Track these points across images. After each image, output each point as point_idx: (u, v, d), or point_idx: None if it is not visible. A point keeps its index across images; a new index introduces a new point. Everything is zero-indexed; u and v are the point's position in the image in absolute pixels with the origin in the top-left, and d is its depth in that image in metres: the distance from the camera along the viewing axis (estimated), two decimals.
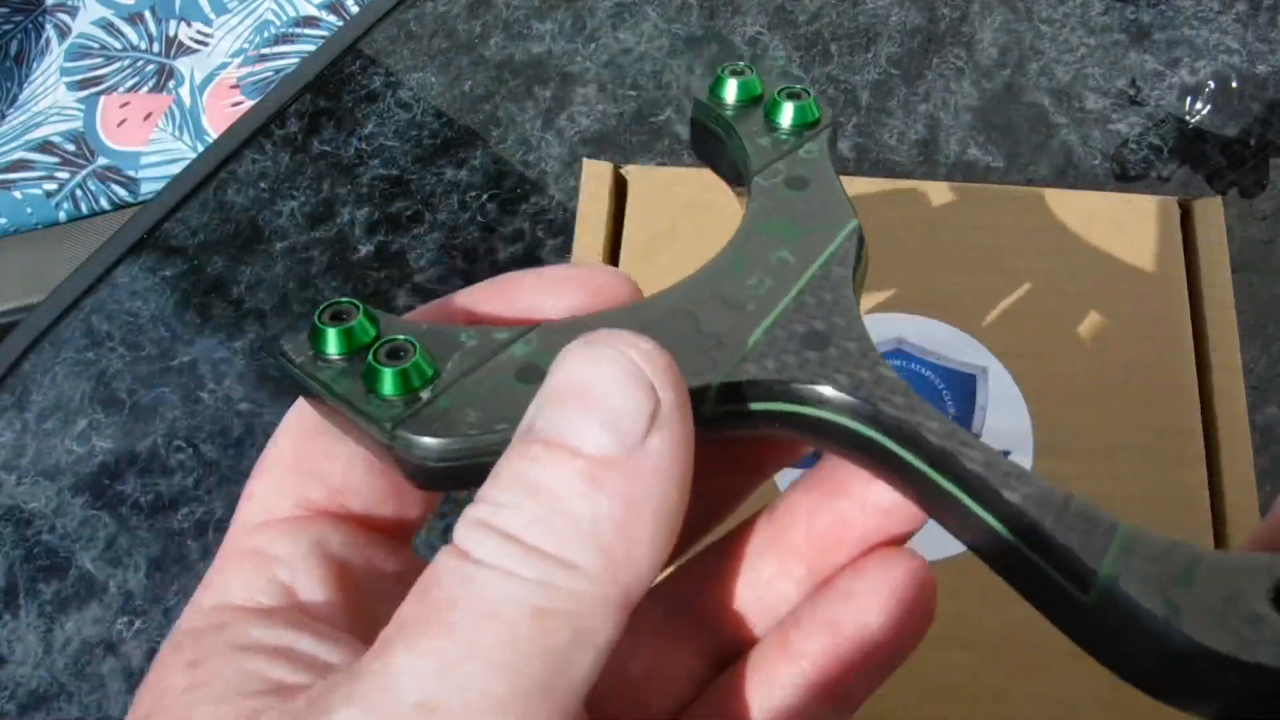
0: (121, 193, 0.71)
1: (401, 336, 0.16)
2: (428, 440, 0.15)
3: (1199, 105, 0.47)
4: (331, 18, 0.75)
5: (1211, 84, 0.48)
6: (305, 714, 0.13)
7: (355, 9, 0.75)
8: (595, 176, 0.34)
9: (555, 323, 0.16)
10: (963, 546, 0.16)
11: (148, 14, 0.76)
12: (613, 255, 0.34)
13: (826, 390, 0.16)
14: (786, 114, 0.21)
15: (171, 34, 0.75)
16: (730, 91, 0.21)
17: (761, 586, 0.17)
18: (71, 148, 0.72)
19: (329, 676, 0.13)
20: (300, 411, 0.17)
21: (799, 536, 0.17)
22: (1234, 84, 0.48)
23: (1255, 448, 0.32)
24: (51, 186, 0.71)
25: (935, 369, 0.33)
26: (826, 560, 0.17)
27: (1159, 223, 0.35)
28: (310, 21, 0.75)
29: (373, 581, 0.16)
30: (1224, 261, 0.34)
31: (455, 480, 0.15)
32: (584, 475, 0.13)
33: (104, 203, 0.71)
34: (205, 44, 0.75)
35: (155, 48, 0.75)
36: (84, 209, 0.71)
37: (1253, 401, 0.40)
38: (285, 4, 0.75)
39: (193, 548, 0.42)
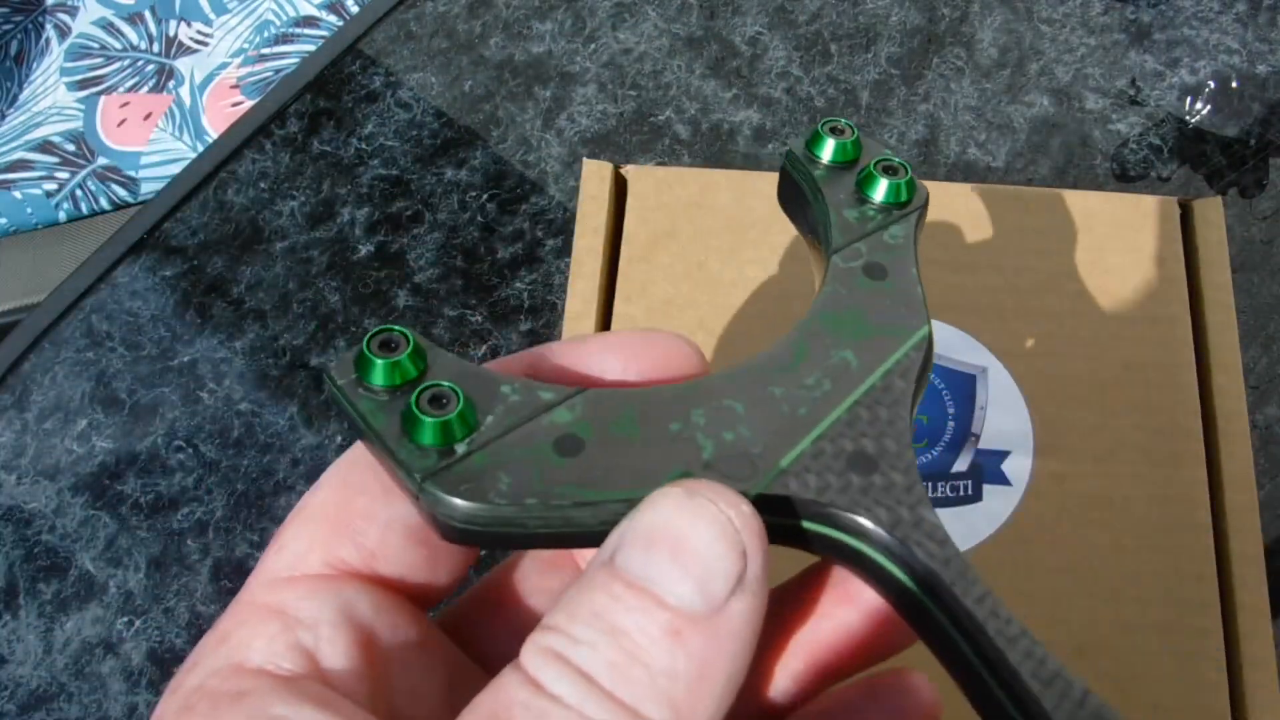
0: (121, 193, 0.71)
1: (446, 383, 0.15)
2: (456, 501, 0.14)
3: (1199, 105, 0.47)
4: (331, 18, 0.75)
5: (1211, 84, 0.48)
6: None
7: (355, 9, 0.75)
8: (595, 176, 0.34)
9: (603, 390, 0.16)
10: None
11: (148, 14, 0.76)
12: (612, 255, 0.34)
13: (864, 522, 0.15)
14: (880, 189, 0.20)
15: (171, 34, 0.75)
16: (827, 150, 0.20)
17: (756, 678, 0.17)
18: (71, 148, 0.72)
19: None
20: (346, 465, 0.16)
21: (803, 634, 0.17)
22: (1234, 84, 0.48)
23: (1255, 448, 0.32)
24: (51, 186, 0.71)
25: (935, 369, 0.33)
26: (826, 662, 0.17)
27: (1159, 223, 0.35)
28: (310, 21, 0.75)
29: (394, 649, 0.16)
30: (1224, 261, 0.34)
31: (480, 541, 0.15)
32: (668, 628, 0.13)
33: (104, 203, 0.71)
34: (205, 44, 0.75)
35: (155, 48, 0.75)
36: (84, 209, 0.71)
37: (1253, 401, 0.40)
38: (285, 4, 0.75)
39: (193, 548, 0.42)
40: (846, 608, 0.17)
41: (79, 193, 0.71)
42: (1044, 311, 0.34)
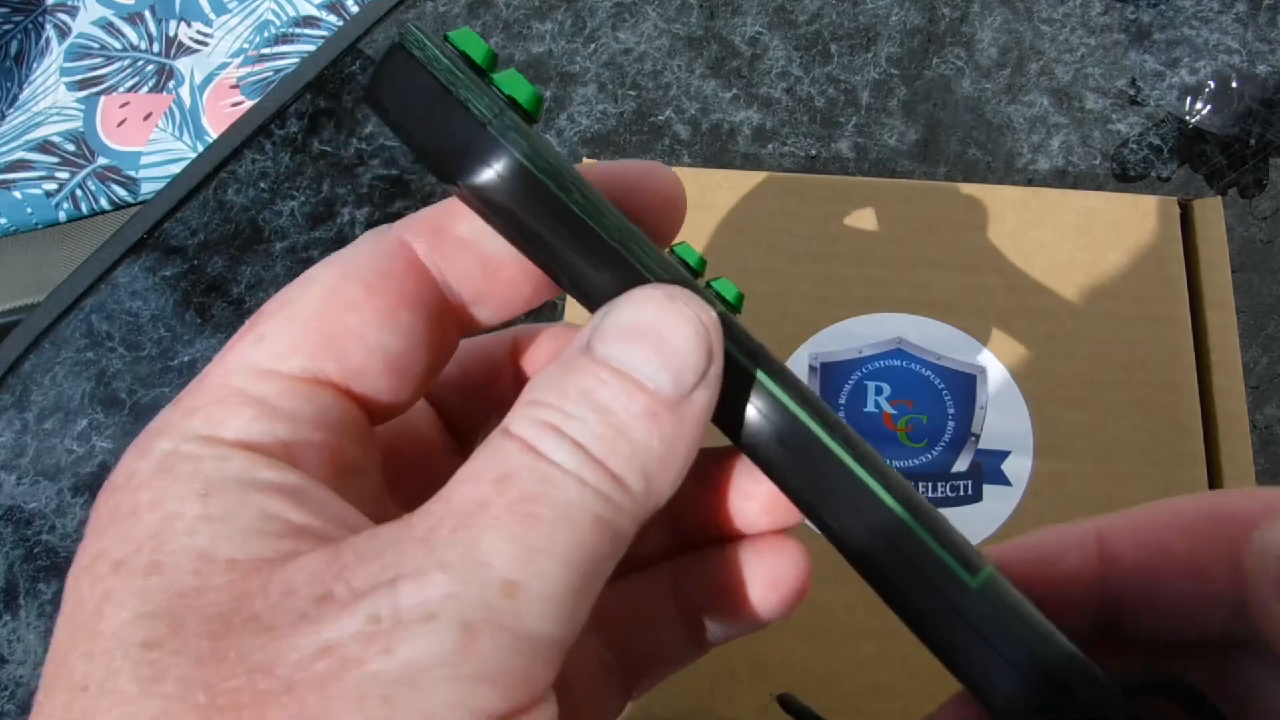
0: (121, 193, 0.71)
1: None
2: (525, 138, 0.15)
3: (1199, 105, 0.47)
4: (331, 18, 0.75)
5: (1211, 84, 0.48)
6: (373, 583, 0.13)
7: (355, 9, 0.75)
8: None
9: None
10: None
11: (147, 14, 0.76)
12: None
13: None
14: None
15: (171, 34, 0.75)
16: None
17: (738, 503, 0.19)
18: (71, 148, 0.72)
19: (377, 534, 0.14)
20: (339, 275, 0.17)
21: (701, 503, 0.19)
22: (1234, 84, 0.48)
23: (1255, 448, 0.32)
24: (51, 186, 0.71)
25: (935, 369, 0.33)
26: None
27: (1159, 223, 0.35)
28: (310, 21, 0.75)
29: (352, 463, 0.16)
30: (1224, 261, 0.34)
31: (518, 203, 0.15)
32: (647, 410, 0.15)
33: (104, 203, 0.71)
34: (205, 44, 0.75)
35: (155, 48, 0.75)
36: (84, 209, 0.71)
37: (1253, 401, 0.40)
38: (285, 4, 0.75)
39: None
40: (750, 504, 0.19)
41: (79, 193, 0.71)
42: (1044, 311, 0.34)
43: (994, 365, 0.33)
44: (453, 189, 0.16)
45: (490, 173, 0.15)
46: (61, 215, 0.71)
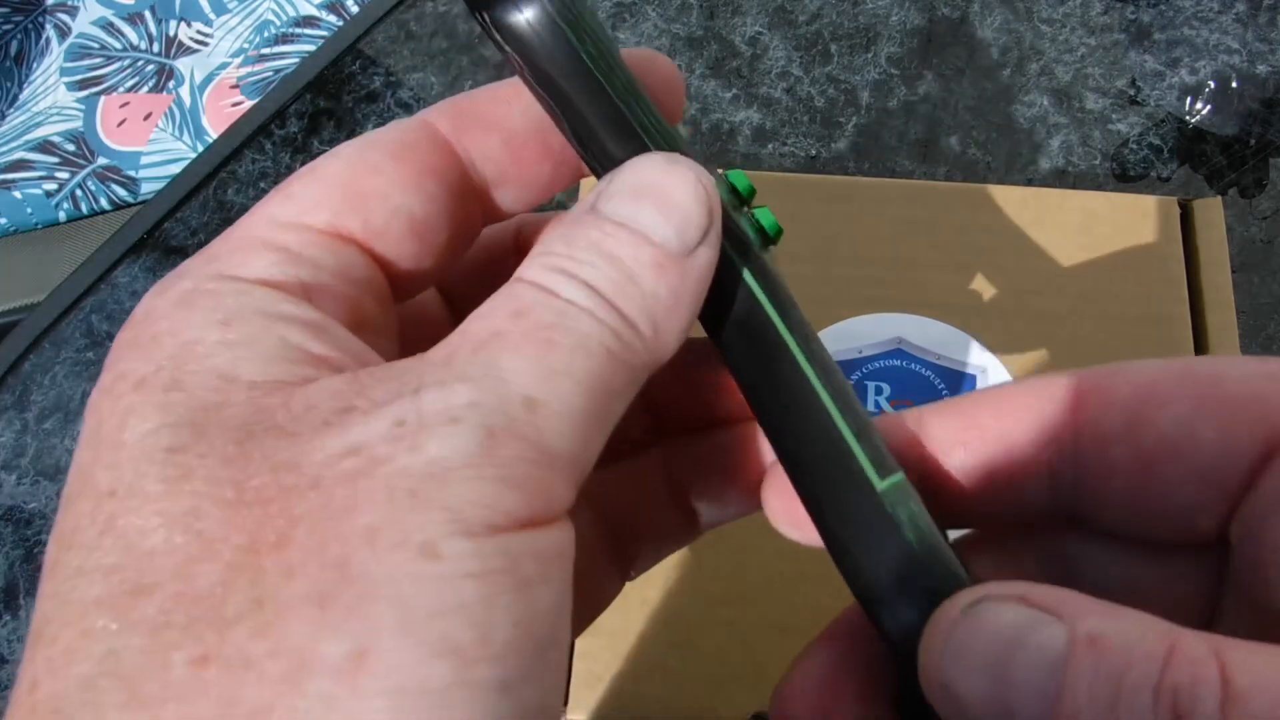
0: (121, 193, 0.71)
1: None
2: None
3: (1199, 105, 0.47)
4: (331, 18, 0.75)
5: (1211, 84, 0.48)
6: (397, 393, 0.13)
7: (355, 9, 0.75)
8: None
9: None
10: None
11: (147, 14, 0.76)
12: None
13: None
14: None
15: (171, 34, 0.75)
16: None
17: (723, 391, 0.20)
18: (71, 148, 0.72)
19: (396, 364, 0.14)
20: (363, 144, 0.17)
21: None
22: (1234, 84, 0.48)
23: None
24: (51, 186, 0.71)
25: (935, 369, 0.33)
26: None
27: (1159, 223, 0.35)
28: (310, 21, 0.75)
29: (370, 321, 0.17)
30: (1224, 261, 0.34)
31: (537, 41, 0.16)
32: (654, 260, 0.15)
33: (104, 203, 0.71)
34: (205, 44, 0.75)
35: (155, 48, 0.75)
36: (84, 209, 0.71)
37: None
38: (285, 4, 0.75)
39: None
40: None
41: (79, 193, 0.71)
42: (1044, 311, 0.34)
43: (994, 365, 0.33)
44: (476, 17, 0.16)
45: (511, 7, 0.16)
46: (61, 215, 0.71)
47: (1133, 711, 0.12)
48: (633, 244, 0.15)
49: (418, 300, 0.19)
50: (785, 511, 0.18)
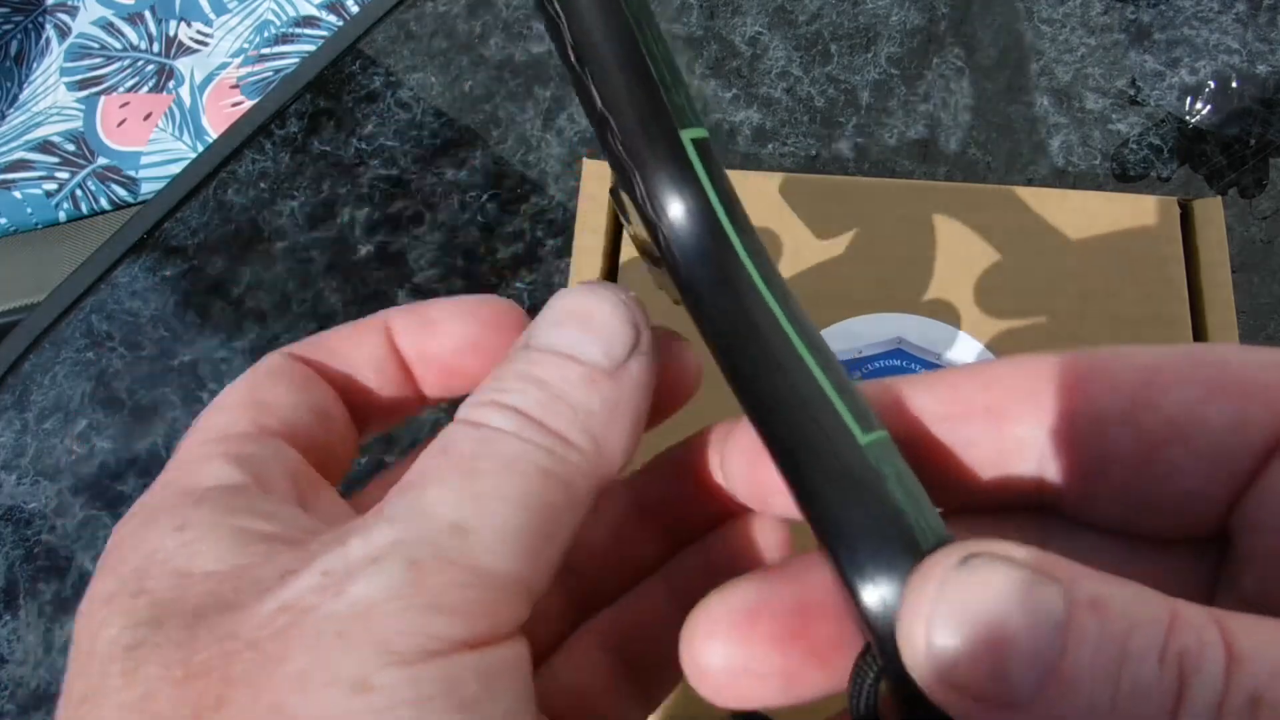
0: (121, 193, 0.71)
1: None
2: None
3: (1199, 105, 0.47)
4: (331, 18, 0.75)
5: (1211, 84, 0.48)
6: (328, 546, 0.14)
7: (355, 9, 0.75)
8: (595, 176, 0.34)
9: None
10: None
11: (147, 14, 0.76)
12: (612, 254, 0.34)
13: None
14: None
15: (171, 34, 0.75)
16: None
17: (716, 485, 0.19)
18: (71, 148, 0.72)
19: (340, 528, 0.15)
20: (248, 376, 0.18)
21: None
22: (1234, 84, 0.48)
23: None
24: (51, 186, 0.71)
25: (935, 368, 0.33)
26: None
27: (1159, 223, 0.35)
28: (310, 21, 0.75)
29: (314, 497, 0.18)
30: (1224, 261, 0.34)
31: None
32: (582, 377, 0.16)
33: (104, 203, 0.71)
34: (205, 44, 0.75)
35: (155, 48, 0.75)
36: (84, 209, 0.71)
37: None
38: (285, 4, 0.75)
39: None
40: None
41: (79, 193, 0.71)
42: (1044, 311, 0.34)
43: None
44: None
45: None
46: (61, 215, 0.71)
47: (1138, 676, 0.12)
48: (559, 365, 0.16)
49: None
50: (747, 473, 0.17)
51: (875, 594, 0.14)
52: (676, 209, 0.16)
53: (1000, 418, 0.16)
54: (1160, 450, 0.15)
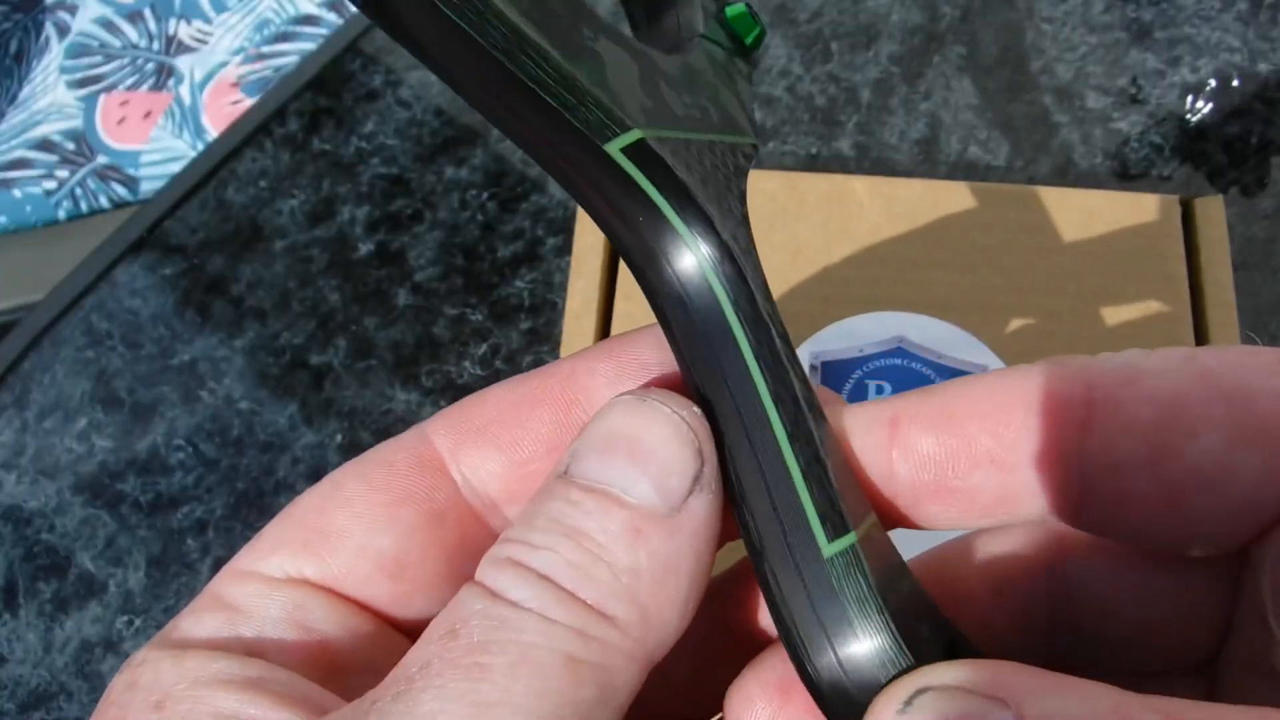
0: (121, 191, 0.71)
1: None
2: None
3: (1200, 103, 0.47)
4: (331, 15, 0.75)
5: (1213, 82, 0.48)
6: None
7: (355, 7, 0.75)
8: None
9: None
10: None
11: (147, 12, 0.76)
12: (613, 254, 0.34)
13: (711, 210, 0.14)
14: (740, 28, 0.18)
15: (171, 32, 0.75)
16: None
17: None
18: (71, 146, 0.72)
19: (333, 715, 0.13)
20: (346, 472, 0.16)
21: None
22: (1235, 82, 0.48)
23: None
24: (51, 185, 0.71)
25: (935, 368, 0.33)
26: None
27: (1160, 221, 0.35)
28: (310, 20, 0.75)
29: (349, 658, 0.16)
30: (1225, 260, 0.34)
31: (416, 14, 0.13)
32: (628, 527, 0.13)
33: (104, 201, 0.71)
34: (205, 42, 0.75)
35: (155, 46, 0.75)
36: (84, 208, 0.71)
37: None
38: (285, 2, 0.75)
39: (193, 547, 0.42)
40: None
41: (79, 191, 0.71)
42: (1045, 310, 0.34)
43: (995, 364, 0.33)
44: None
45: None
46: (61, 214, 0.71)
47: None
48: (599, 510, 0.13)
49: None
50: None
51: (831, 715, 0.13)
52: (628, 234, 0.14)
53: (1007, 470, 0.15)
54: (1185, 499, 0.14)
